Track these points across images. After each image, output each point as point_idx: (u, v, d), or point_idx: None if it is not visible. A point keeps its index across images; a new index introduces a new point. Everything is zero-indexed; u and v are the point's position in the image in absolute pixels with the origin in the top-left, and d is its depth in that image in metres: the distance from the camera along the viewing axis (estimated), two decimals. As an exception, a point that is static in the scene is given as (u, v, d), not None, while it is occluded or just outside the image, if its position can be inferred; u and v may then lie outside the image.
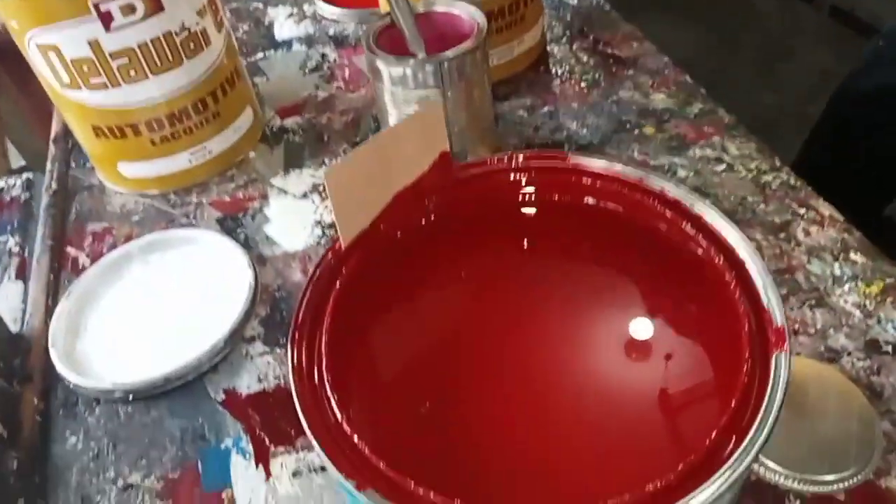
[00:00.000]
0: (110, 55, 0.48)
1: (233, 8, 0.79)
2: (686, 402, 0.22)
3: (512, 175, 0.26)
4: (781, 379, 0.19)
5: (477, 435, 0.22)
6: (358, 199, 0.23)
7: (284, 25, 0.75)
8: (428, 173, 0.25)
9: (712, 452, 0.18)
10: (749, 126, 0.56)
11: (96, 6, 0.46)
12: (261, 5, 0.79)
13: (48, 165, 0.61)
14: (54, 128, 0.65)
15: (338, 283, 0.23)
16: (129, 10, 0.47)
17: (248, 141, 0.59)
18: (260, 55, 0.71)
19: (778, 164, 0.52)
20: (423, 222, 0.26)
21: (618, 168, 0.26)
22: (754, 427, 0.18)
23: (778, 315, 0.20)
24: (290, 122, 0.62)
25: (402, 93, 0.50)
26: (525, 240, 0.27)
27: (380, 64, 0.49)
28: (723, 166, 0.52)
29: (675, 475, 0.17)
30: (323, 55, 0.70)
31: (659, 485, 0.17)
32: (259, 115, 0.61)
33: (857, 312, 0.41)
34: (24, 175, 0.73)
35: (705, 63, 2.13)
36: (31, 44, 0.48)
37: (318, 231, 0.51)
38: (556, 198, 0.26)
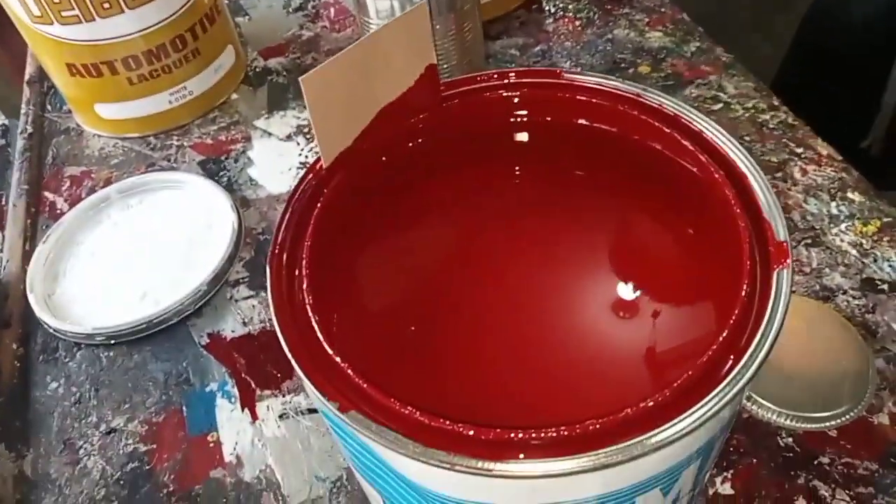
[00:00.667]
0: (82, -13, 0.46)
1: (213, -54, 0.76)
2: (684, 322, 0.21)
3: (503, 93, 0.24)
4: (783, 295, 0.18)
5: (464, 358, 0.21)
6: (340, 113, 0.22)
7: (267, -36, 0.72)
8: (414, 88, 0.23)
9: (710, 369, 0.17)
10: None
11: (64, -68, 0.43)
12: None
13: (23, 108, 0.59)
14: (28, 69, 0.63)
15: (319, 203, 0.22)
16: (100, -63, 0.44)
17: (230, 81, 0.57)
18: (240, -7, 0.69)
19: (776, 103, 0.50)
20: (409, 143, 0.25)
21: (613, 83, 0.24)
22: (754, 343, 0.18)
23: (780, 230, 0.19)
24: (273, 62, 0.60)
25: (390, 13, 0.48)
26: (515, 163, 0.26)
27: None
28: (719, 105, 0.50)
29: (671, 391, 0.16)
30: (307, -6, 0.67)
31: (655, 401, 0.16)
32: (241, 56, 0.59)
33: (854, 251, 0.40)
34: (0, 121, 0.71)
35: (702, 15, 2.10)
36: (-3, -26, 0.46)
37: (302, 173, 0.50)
38: (549, 119, 0.25)
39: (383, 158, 0.24)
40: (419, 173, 0.25)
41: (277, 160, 0.51)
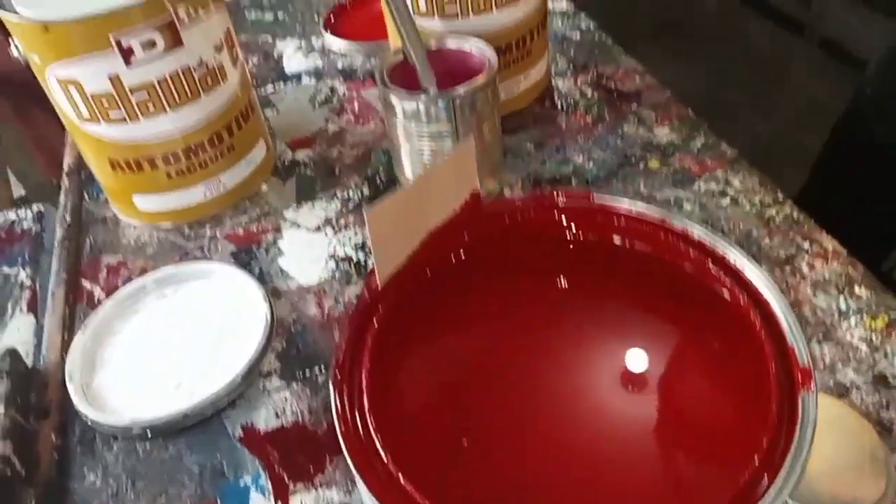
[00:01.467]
0: (130, 90, 0.49)
1: (242, 41, 0.80)
2: (715, 442, 0.23)
3: (540, 213, 0.26)
4: (810, 419, 0.20)
5: (515, 471, 0.23)
6: (394, 238, 0.24)
7: (293, 58, 0.77)
8: (460, 211, 0.25)
9: (747, 491, 0.19)
10: (744, 153, 0.57)
11: (118, 41, 0.47)
12: (269, 38, 0.81)
13: (61, 198, 0.62)
14: (67, 159, 0.66)
15: (375, 321, 0.24)
16: (150, 45, 0.48)
17: (260, 173, 0.60)
18: (270, 88, 0.73)
19: (780, 197, 0.53)
20: (455, 259, 0.27)
21: (641, 208, 0.27)
22: (786, 465, 0.19)
23: (804, 354, 0.21)
24: (301, 154, 0.63)
25: (414, 127, 0.51)
26: (554, 276, 0.28)
27: (393, 99, 0.50)
28: (727, 200, 0.53)
29: (714, 515, 0.18)
30: (332, 88, 0.71)
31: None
32: (271, 148, 0.62)
33: (864, 347, 0.42)
34: (35, 207, 0.74)
35: (700, 92, 2.17)
36: (52, 78, 0.49)
37: (332, 264, 0.52)
38: (582, 236, 0.27)
39: (430, 274, 0.26)
40: (463, 287, 0.27)
41: (307, 251, 0.53)
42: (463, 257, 0.27)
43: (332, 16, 0.81)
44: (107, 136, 0.52)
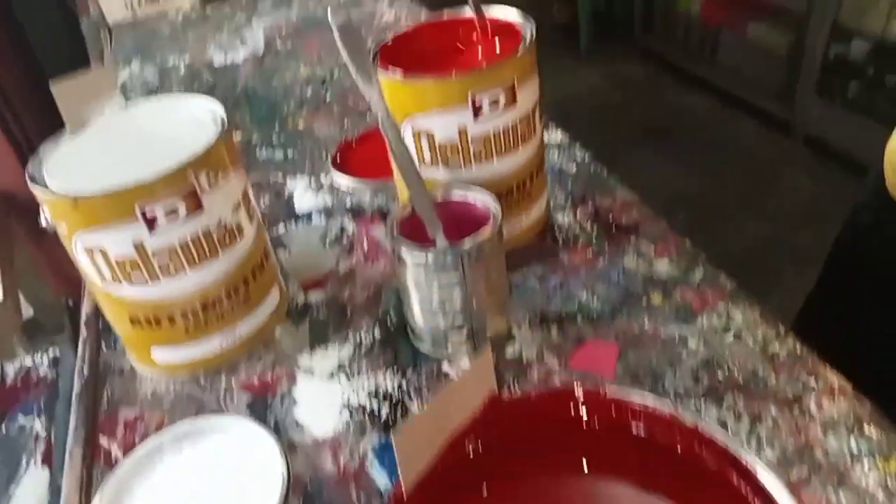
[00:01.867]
0: (153, 254, 0.51)
1: (254, 181, 0.84)
2: None
3: (556, 408, 0.28)
4: None
5: None
6: (418, 449, 0.25)
7: (304, 197, 0.80)
8: (480, 413, 0.27)
9: None
10: (740, 256, 0.59)
11: (142, 211, 0.50)
12: (280, 176, 0.85)
13: (79, 348, 0.63)
14: (85, 308, 0.68)
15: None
16: (173, 212, 0.51)
17: (275, 319, 0.62)
18: (282, 228, 0.76)
19: (782, 330, 0.54)
20: (474, 455, 0.28)
21: (650, 400, 0.28)
22: None
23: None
24: (313, 297, 0.65)
25: (424, 278, 0.53)
26: (569, 465, 0.29)
27: (404, 252, 0.52)
28: (730, 337, 0.54)
29: None
30: (342, 227, 0.74)
31: None
32: (284, 292, 0.64)
33: (881, 493, 0.42)
34: (51, 352, 0.75)
35: (694, 195, 2.24)
36: (78, 244, 0.52)
37: (346, 414, 0.53)
38: (596, 426, 0.28)
39: (453, 472, 0.27)
40: (483, 479, 0.28)
41: (321, 400, 0.54)
42: (482, 452, 0.28)
43: (338, 154, 0.85)
44: (128, 295, 0.54)
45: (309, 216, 0.77)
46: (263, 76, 1.12)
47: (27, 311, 1.84)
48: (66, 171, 0.53)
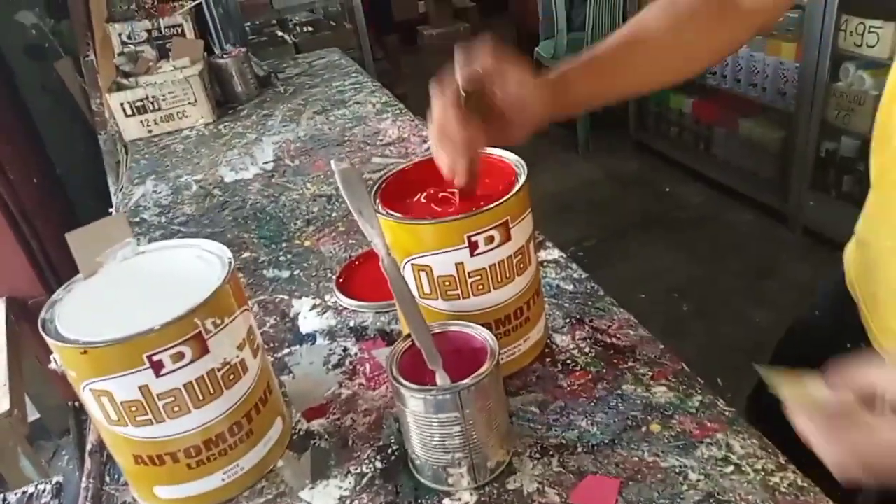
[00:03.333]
0: (158, 396, 0.53)
1: (260, 301, 0.87)
2: None
3: None
4: None
5: None
6: None
7: (308, 317, 0.82)
8: None
9: None
10: (743, 347, 0.59)
11: (149, 357, 0.51)
12: (286, 297, 0.87)
13: (83, 482, 0.64)
14: (91, 439, 0.68)
15: None
16: (179, 357, 0.52)
17: (277, 450, 0.62)
18: (286, 351, 0.77)
19: (782, 461, 0.55)
20: None
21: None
22: None
23: None
24: (315, 425, 0.66)
25: (423, 415, 0.54)
26: None
27: (403, 392, 0.54)
28: (731, 468, 0.54)
29: None
30: (344, 349, 0.75)
31: None
32: (287, 421, 0.65)
33: None
34: (54, 480, 0.75)
35: (692, 280, 2.25)
36: (86, 389, 0.53)
37: (347, 555, 0.52)
38: None
39: None
40: None
41: (322, 540, 0.54)
42: None
43: (342, 275, 0.87)
44: (133, 435, 0.54)
45: (313, 337, 0.79)
46: (272, 194, 1.17)
47: (32, 412, 1.84)
48: (77, 318, 0.55)
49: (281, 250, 0.98)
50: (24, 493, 0.73)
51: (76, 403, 2.15)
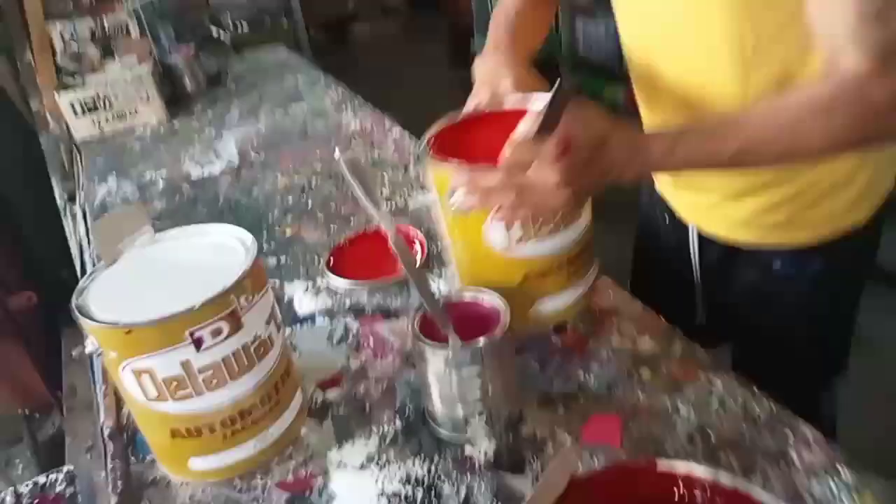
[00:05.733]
0: (199, 370, 0.56)
1: (252, 288, 0.89)
2: None
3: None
4: None
5: None
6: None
7: (303, 300, 0.86)
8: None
9: None
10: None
11: (191, 333, 0.54)
12: (277, 283, 0.90)
13: (108, 463, 0.66)
14: (108, 423, 0.70)
15: None
16: (217, 332, 0.56)
17: (300, 418, 0.66)
18: (288, 332, 0.80)
19: (755, 391, 0.63)
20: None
21: (699, 470, 0.34)
22: None
23: None
24: (331, 394, 0.70)
25: (444, 371, 0.59)
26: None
27: (427, 352, 0.59)
28: (716, 404, 0.62)
29: None
30: (346, 327, 0.79)
31: None
32: (305, 392, 0.68)
33: (863, 527, 0.50)
34: (65, 469, 0.76)
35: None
36: (126, 369, 0.55)
37: (385, 502, 0.57)
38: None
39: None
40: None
41: (358, 491, 0.58)
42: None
43: (331, 257, 0.91)
44: (171, 410, 0.57)
45: (312, 318, 0.82)
46: (243, 187, 1.19)
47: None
48: (109, 302, 0.57)
49: (263, 240, 1.01)
50: (35, 483, 0.75)
51: (26, 411, 2.08)
